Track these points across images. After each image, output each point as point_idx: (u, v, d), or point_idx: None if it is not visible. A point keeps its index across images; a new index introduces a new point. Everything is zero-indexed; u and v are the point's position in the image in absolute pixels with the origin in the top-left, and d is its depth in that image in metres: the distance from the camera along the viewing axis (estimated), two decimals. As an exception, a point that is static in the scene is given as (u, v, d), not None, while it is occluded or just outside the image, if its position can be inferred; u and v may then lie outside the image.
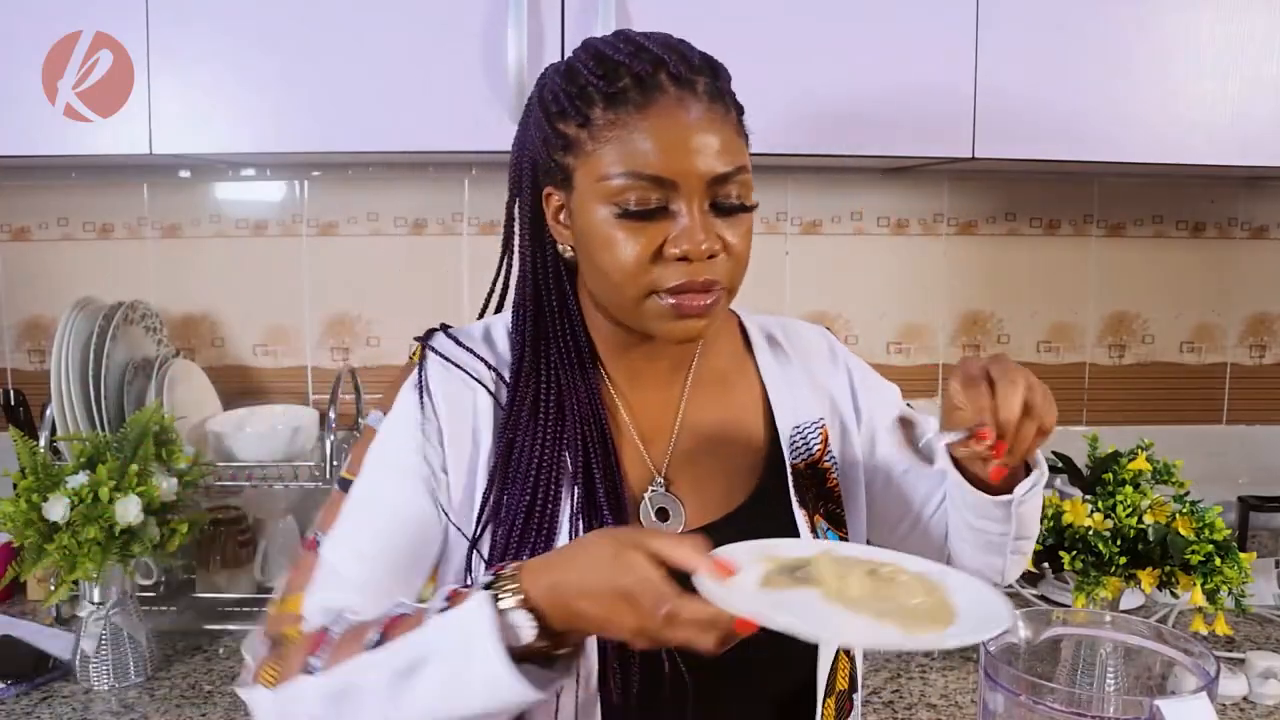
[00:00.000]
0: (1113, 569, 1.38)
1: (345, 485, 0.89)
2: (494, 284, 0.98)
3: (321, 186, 1.81)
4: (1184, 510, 1.41)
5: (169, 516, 1.42)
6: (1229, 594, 1.37)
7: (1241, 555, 1.38)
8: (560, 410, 0.88)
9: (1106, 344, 1.93)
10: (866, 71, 1.40)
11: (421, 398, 0.89)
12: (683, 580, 0.68)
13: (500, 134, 1.34)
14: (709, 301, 0.84)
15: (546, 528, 0.85)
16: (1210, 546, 1.36)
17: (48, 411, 1.56)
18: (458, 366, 0.90)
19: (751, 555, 0.73)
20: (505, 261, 0.96)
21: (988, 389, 0.78)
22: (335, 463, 1.63)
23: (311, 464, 1.64)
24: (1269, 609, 1.66)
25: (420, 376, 0.90)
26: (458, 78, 1.37)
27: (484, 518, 0.87)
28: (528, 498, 0.85)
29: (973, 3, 1.40)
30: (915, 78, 1.40)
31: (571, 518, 0.86)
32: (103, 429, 1.54)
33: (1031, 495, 0.88)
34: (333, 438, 1.62)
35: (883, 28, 1.40)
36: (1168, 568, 1.39)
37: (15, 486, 1.34)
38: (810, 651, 0.91)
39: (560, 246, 0.90)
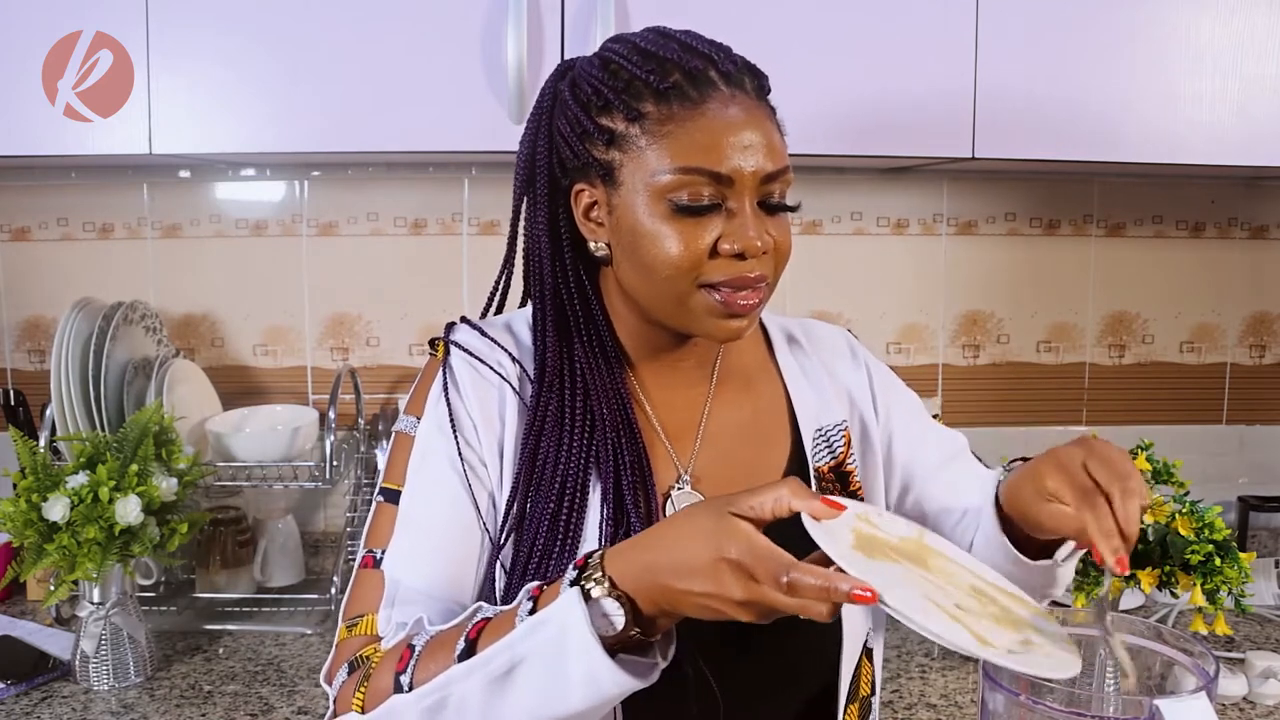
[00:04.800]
0: (1112, 569, 1.38)
1: (389, 496, 0.88)
2: (496, 284, 0.97)
3: (321, 186, 1.81)
4: (1184, 510, 1.40)
5: (169, 516, 1.42)
6: (1229, 594, 1.37)
7: (1241, 555, 1.38)
8: (588, 415, 0.87)
9: (1106, 344, 1.93)
10: (866, 71, 1.40)
11: (451, 397, 0.88)
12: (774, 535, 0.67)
13: (500, 134, 1.35)
14: (756, 301, 0.83)
15: (572, 535, 0.84)
16: (1210, 546, 1.36)
17: (48, 411, 1.56)
18: (482, 361, 0.90)
19: (850, 514, 0.73)
20: (508, 262, 0.95)
21: (1105, 503, 0.73)
22: (335, 463, 1.63)
23: (311, 464, 1.64)
24: (1269, 609, 1.66)
25: (447, 376, 0.89)
26: (458, 78, 1.37)
27: (508, 525, 0.86)
28: (553, 505, 0.84)
29: (973, 3, 1.40)
30: (915, 78, 1.40)
31: (601, 524, 0.84)
32: (103, 429, 1.54)
33: (1071, 559, 0.87)
34: (333, 438, 1.62)
35: (882, 28, 1.40)
36: (1167, 568, 1.39)
37: (15, 486, 1.34)
38: (835, 658, 0.91)
39: (593, 245, 0.88)
